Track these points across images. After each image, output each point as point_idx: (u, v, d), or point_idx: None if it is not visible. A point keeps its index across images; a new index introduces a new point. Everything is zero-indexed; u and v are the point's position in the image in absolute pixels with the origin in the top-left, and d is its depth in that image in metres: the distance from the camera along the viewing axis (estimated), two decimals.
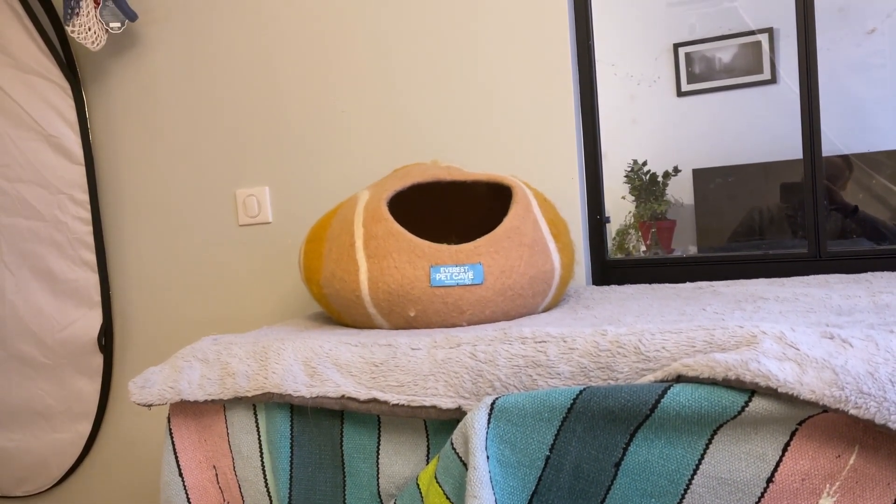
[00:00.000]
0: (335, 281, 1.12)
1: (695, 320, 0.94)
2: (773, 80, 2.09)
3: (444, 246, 1.08)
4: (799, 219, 1.97)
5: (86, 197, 1.84)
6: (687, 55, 2.16)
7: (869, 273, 1.30)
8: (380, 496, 0.94)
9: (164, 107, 1.83)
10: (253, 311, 1.79)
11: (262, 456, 1.01)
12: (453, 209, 1.42)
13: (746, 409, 0.71)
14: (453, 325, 1.08)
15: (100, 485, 1.99)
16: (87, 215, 1.85)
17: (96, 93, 1.88)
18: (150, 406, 1.03)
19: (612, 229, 2.02)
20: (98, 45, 1.70)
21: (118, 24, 1.71)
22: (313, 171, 1.71)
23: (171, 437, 1.05)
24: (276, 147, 1.73)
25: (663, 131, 2.19)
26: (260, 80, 1.74)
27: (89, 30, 1.67)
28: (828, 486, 0.70)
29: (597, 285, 1.50)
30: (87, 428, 1.94)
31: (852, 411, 0.66)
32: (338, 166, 1.68)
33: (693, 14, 2.16)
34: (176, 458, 1.05)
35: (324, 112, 1.68)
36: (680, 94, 2.17)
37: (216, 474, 1.05)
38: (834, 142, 1.95)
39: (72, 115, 1.83)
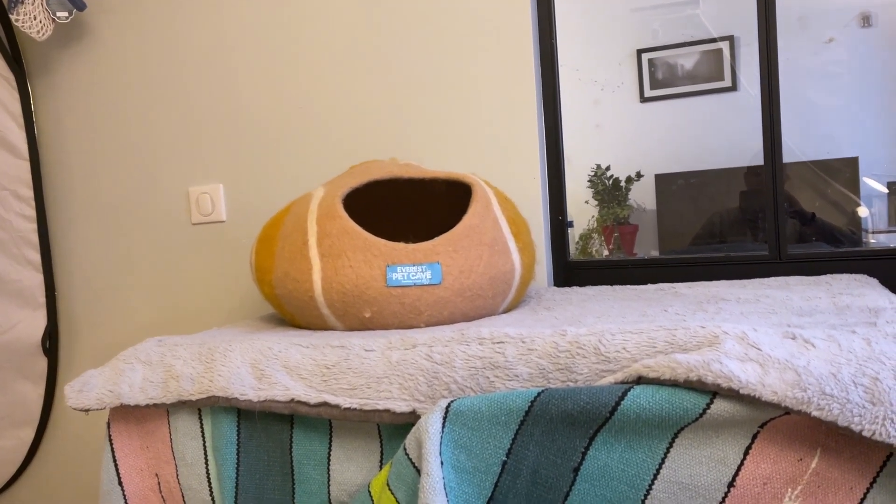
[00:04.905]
0: (287, 281, 1.08)
1: (656, 321, 0.92)
2: (733, 87, 2.11)
3: (401, 245, 1.04)
4: (759, 223, 1.98)
5: (30, 193, 1.77)
6: (650, 61, 2.16)
7: (828, 275, 1.31)
8: None
9: (115, 100, 1.76)
10: (206, 312, 1.74)
11: (206, 463, 0.96)
12: (412, 209, 1.39)
13: (708, 411, 0.69)
14: (410, 327, 1.04)
15: (42, 494, 1.91)
16: (32, 212, 1.77)
17: (42, 85, 1.81)
18: (87, 411, 0.97)
19: (575, 234, 2.01)
20: (44, 34, 1.63)
21: (65, 14, 1.64)
22: (269, 168, 1.66)
23: (111, 444, 0.99)
24: (230, 143, 1.68)
25: (626, 136, 2.19)
26: (214, 74, 1.68)
27: (34, 18, 1.60)
28: (790, 490, 0.68)
29: (558, 287, 1.48)
30: (30, 434, 1.86)
31: (815, 413, 0.64)
32: (295, 164, 1.64)
33: (656, 20, 2.16)
34: (115, 465, 0.99)
35: (280, 108, 1.64)
36: (643, 99, 2.18)
37: (158, 482, 1.00)
38: (793, 149, 1.97)
39: (16, 107, 1.75)
